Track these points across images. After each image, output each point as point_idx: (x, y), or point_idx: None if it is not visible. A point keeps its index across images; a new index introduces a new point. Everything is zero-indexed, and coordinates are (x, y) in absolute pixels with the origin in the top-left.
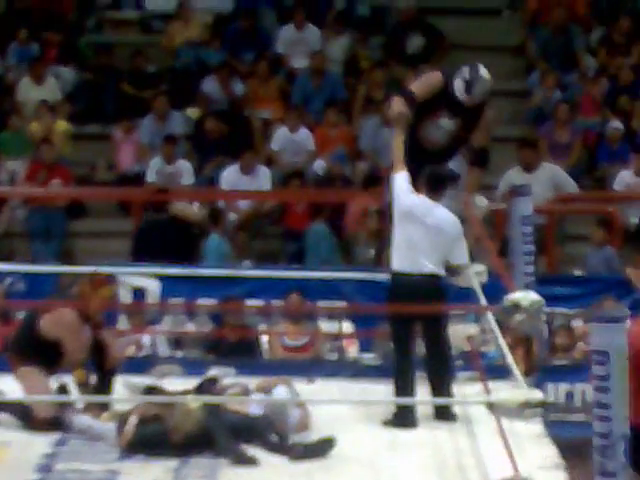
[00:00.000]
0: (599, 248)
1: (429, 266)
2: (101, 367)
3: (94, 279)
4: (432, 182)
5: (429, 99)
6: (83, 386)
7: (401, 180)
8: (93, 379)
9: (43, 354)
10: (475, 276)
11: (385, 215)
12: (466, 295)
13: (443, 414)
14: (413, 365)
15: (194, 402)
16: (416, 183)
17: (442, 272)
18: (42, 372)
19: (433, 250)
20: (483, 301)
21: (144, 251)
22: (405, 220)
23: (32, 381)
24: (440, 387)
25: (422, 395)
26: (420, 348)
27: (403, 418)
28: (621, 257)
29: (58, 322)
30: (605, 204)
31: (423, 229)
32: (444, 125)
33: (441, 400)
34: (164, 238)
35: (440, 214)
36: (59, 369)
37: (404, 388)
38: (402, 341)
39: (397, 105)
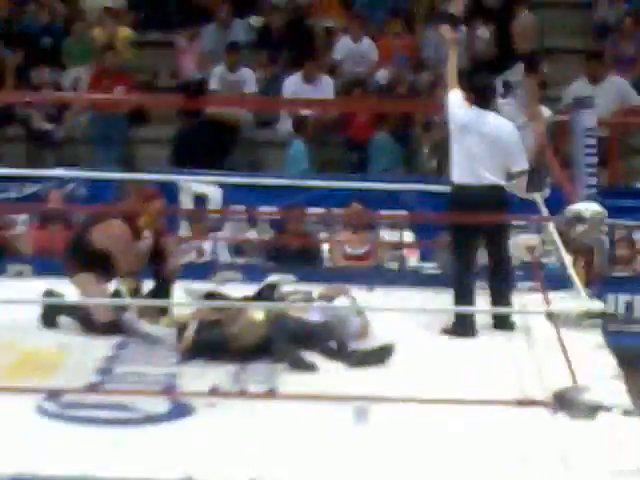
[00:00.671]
0: None
1: (489, 177)
2: (160, 274)
3: (144, 193)
4: (479, 91)
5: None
6: (135, 294)
7: (454, 97)
8: (146, 288)
9: (96, 263)
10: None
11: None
12: (528, 206)
13: (502, 323)
14: (473, 275)
15: (259, 313)
16: (465, 96)
17: (503, 182)
18: (98, 279)
19: (492, 159)
20: (545, 212)
21: (184, 156)
22: (461, 133)
23: (89, 287)
24: (500, 297)
25: (481, 305)
26: (481, 259)
27: (463, 327)
28: None
29: (108, 234)
30: None
31: (480, 139)
32: (481, 35)
33: (501, 309)
34: (203, 142)
35: (495, 122)
36: (113, 278)
37: (464, 297)
38: (463, 251)
39: (446, 32)
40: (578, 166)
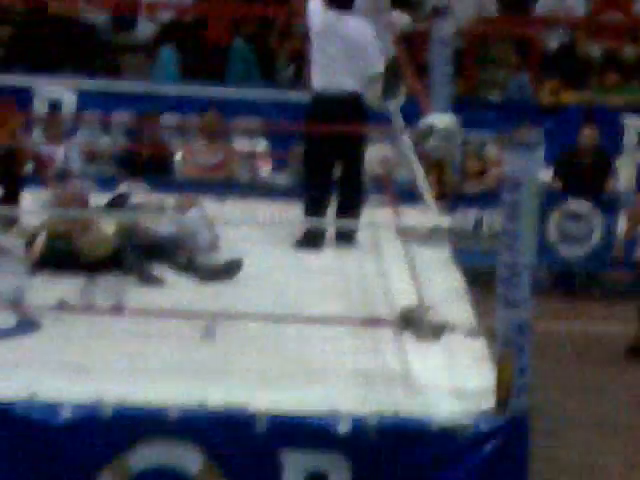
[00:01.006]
0: (515, 73)
1: (349, 83)
2: (9, 183)
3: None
4: None
5: None
6: None
7: (313, 3)
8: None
9: None
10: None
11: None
12: (382, 117)
13: (346, 237)
14: (327, 187)
15: (109, 226)
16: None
17: (362, 90)
18: None
19: (351, 64)
20: (399, 124)
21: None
22: (320, 38)
23: None
24: (348, 210)
25: (329, 217)
26: (334, 170)
27: (312, 239)
28: (537, 83)
29: None
30: (525, 27)
31: (339, 43)
32: None
33: (349, 223)
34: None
35: (354, 24)
36: None
37: (315, 210)
38: (317, 162)
39: None
40: (434, 76)
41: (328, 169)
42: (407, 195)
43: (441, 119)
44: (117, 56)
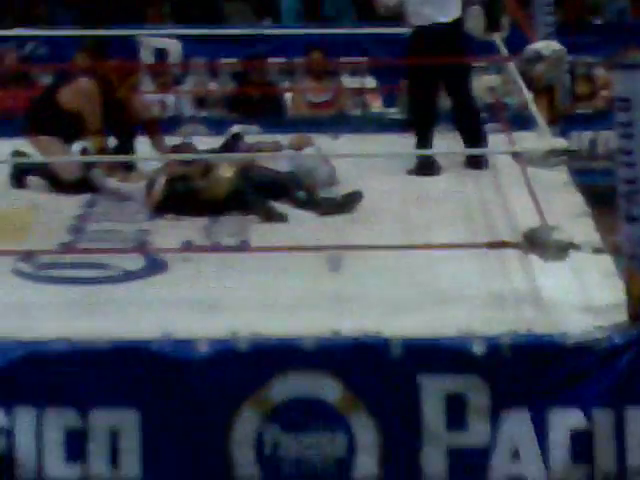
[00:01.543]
0: None
1: (449, 12)
2: (122, 129)
3: (120, 67)
4: None
5: None
6: (102, 152)
7: None
8: (111, 144)
9: (62, 125)
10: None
11: None
12: (488, 47)
13: (475, 163)
14: (434, 117)
15: (227, 170)
16: None
17: (462, 18)
18: (60, 141)
19: None
20: (504, 52)
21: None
22: None
23: (51, 148)
24: (473, 136)
25: (452, 146)
26: (443, 100)
27: (425, 167)
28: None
29: (77, 92)
30: None
31: None
32: None
33: (468, 150)
34: None
35: None
36: (78, 139)
37: (425, 138)
38: (424, 93)
39: None
40: (536, 4)
41: (434, 99)
42: (519, 121)
43: (547, 45)
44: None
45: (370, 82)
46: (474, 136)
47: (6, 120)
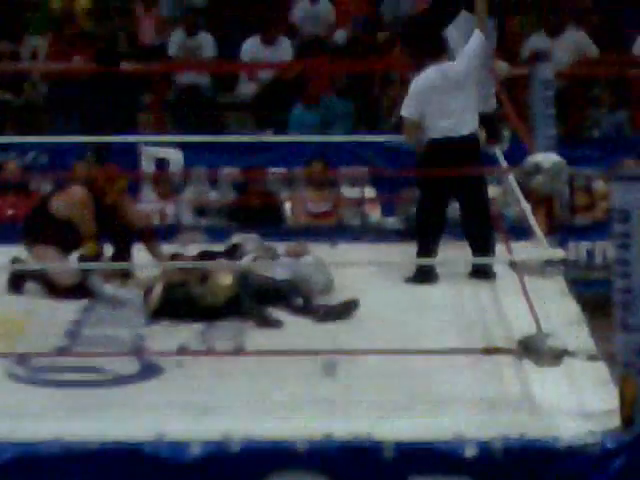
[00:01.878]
0: (613, 111)
1: (467, 126)
2: (117, 235)
3: (108, 173)
4: (430, 44)
5: None
6: (97, 258)
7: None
8: (108, 251)
9: (57, 234)
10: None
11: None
12: (487, 158)
13: (484, 273)
14: (443, 227)
15: (226, 278)
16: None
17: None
18: (58, 251)
19: (466, 106)
20: (504, 164)
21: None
22: (433, 93)
23: (47, 257)
24: (484, 247)
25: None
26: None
27: (424, 275)
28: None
29: (68, 201)
30: (625, 68)
31: (450, 90)
32: None
33: (465, 259)
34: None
35: (458, 67)
36: (75, 248)
37: (429, 247)
38: (434, 203)
39: None
40: (536, 117)
41: (444, 210)
42: (517, 231)
43: (546, 157)
44: (218, 114)
45: (369, 192)
46: (485, 247)
47: (6, 228)
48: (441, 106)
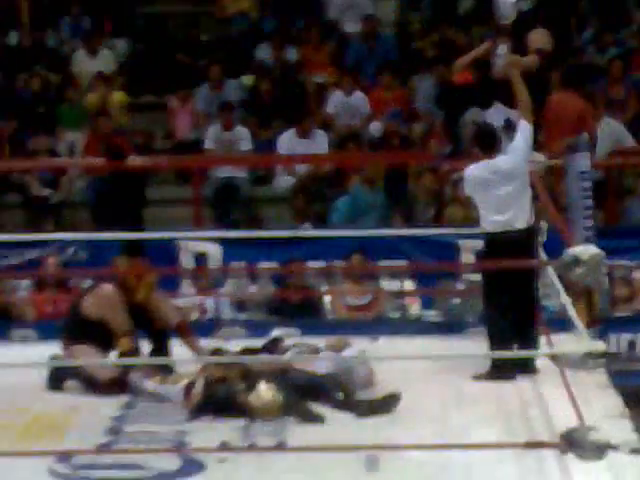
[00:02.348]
0: None
1: (522, 218)
2: (152, 331)
3: (136, 269)
4: (485, 140)
5: None
6: (132, 354)
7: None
8: (145, 347)
9: (92, 334)
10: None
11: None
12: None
13: (527, 367)
14: (509, 320)
15: (269, 392)
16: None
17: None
18: (95, 350)
19: (520, 198)
20: (542, 256)
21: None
22: (484, 188)
23: (86, 356)
24: (529, 341)
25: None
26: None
27: (502, 370)
28: None
29: (99, 301)
30: None
31: (503, 184)
32: (501, 51)
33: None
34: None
35: (508, 162)
36: (111, 347)
37: (502, 341)
38: (500, 296)
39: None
40: (574, 209)
41: (509, 302)
42: (557, 323)
43: (585, 249)
44: (255, 208)
45: (408, 284)
46: (529, 342)
47: (46, 324)
48: (493, 200)
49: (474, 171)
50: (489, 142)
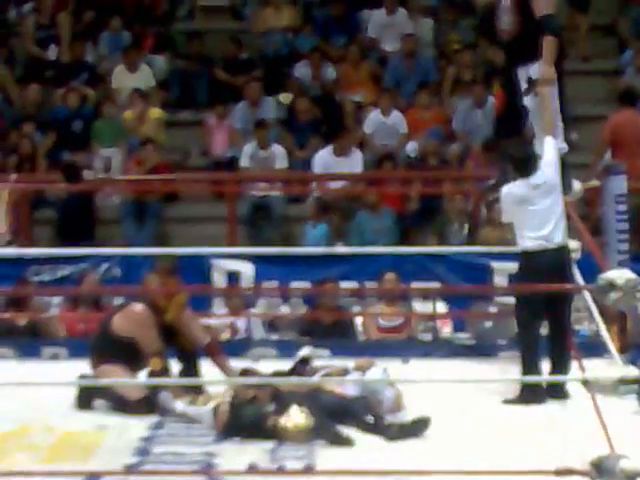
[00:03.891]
0: None
1: (558, 236)
2: (181, 351)
3: (167, 288)
4: (520, 162)
5: None
6: (163, 374)
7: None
8: (174, 367)
9: (122, 354)
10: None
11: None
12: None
13: (556, 391)
14: (539, 343)
15: (301, 414)
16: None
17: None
18: (124, 369)
19: (555, 216)
20: (577, 280)
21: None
22: (520, 206)
23: (114, 376)
24: (562, 365)
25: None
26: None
27: (532, 394)
28: None
29: (129, 320)
30: None
31: (539, 202)
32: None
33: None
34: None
35: (542, 177)
36: (141, 366)
37: (532, 365)
38: (531, 318)
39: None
40: (609, 232)
41: (540, 324)
42: (590, 348)
43: (620, 274)
44: (289, 227)
45: (440, 306)
46: (562, 366)
47: (77, 342)
48: (533, 215)
49: (512, 189)
50: (525, 166)
